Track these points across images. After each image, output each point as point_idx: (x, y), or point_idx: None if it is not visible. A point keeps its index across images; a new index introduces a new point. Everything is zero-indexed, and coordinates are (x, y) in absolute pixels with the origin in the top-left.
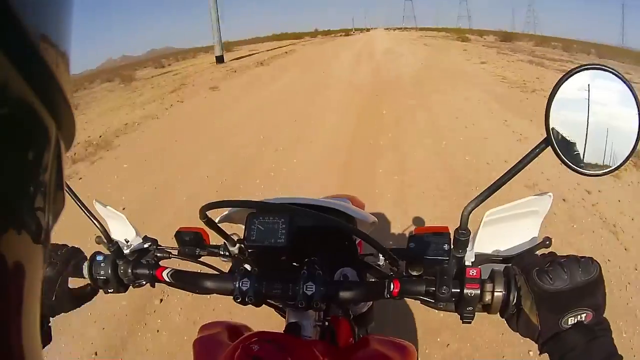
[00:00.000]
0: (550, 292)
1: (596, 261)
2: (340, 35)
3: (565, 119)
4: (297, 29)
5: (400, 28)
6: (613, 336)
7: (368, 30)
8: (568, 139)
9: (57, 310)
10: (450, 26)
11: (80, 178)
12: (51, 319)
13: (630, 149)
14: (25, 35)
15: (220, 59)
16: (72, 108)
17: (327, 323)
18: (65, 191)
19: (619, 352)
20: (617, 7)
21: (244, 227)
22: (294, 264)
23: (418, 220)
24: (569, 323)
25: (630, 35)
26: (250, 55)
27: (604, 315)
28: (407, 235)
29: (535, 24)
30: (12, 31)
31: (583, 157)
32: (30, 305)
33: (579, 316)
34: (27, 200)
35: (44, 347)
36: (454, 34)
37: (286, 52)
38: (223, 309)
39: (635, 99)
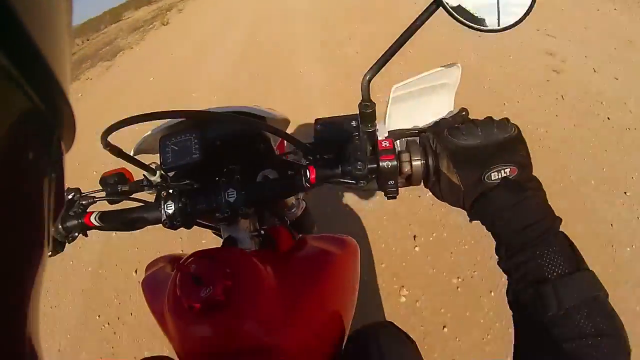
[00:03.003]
0: (464, 146)
1: (513, 123)
2: None
3: None
4: None
5: None
6: None
7: None
8: None
9: None
10: None
11: None
12: None
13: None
14: (26, 36)
15: None
16: (72, 108)
17: (263, 232)
18: (64, 192)
19: None
20: None
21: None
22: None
23: None
24: (493, 178)
25: None
26: None
27: (533, 174)
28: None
29: None
30: (13, 32)
31: (477, 14)
32: (34, 300)
33: (502, 171)
34: (28, 200)
35: None
36: None
37: None
38: None
39: None
